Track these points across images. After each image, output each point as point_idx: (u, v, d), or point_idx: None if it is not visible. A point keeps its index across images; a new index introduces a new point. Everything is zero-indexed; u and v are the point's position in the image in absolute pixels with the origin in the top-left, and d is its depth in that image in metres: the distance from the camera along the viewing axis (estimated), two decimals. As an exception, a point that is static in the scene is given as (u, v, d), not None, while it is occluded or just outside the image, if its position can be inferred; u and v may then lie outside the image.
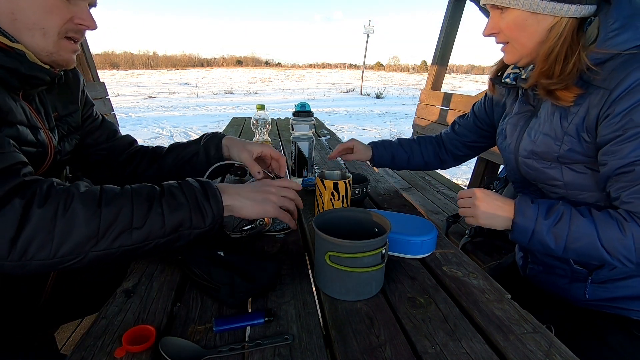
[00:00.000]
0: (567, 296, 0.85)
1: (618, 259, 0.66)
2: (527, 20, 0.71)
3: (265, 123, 1.40)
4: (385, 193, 1.24)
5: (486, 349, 0.54)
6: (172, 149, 0.95)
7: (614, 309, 0.80)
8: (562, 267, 0.84)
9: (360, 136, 6.71)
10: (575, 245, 0.68)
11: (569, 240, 0.68)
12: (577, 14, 0.68)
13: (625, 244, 0.65)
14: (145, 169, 0.93)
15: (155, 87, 17.08)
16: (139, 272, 0.72)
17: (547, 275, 0.88)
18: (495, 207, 0.75)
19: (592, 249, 0.67)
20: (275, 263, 0.70)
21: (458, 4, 3.10)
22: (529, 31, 0.72)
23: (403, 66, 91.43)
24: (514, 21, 0.73)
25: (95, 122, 0.91)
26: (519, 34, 0.74)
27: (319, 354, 0.53)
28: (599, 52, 0.67)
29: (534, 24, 0.71)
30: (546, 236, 0.69)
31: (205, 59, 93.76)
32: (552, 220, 0.69)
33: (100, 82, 2.79)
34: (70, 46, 0.69)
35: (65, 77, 0.81)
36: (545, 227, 0.69)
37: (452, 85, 20.76)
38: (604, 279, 0.79)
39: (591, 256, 0.69)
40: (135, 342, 0.52)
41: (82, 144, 0.88)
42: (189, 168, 0.91)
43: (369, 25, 16.64)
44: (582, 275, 0.81)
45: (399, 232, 0.79)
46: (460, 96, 2.83)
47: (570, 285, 0.84)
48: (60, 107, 0.79)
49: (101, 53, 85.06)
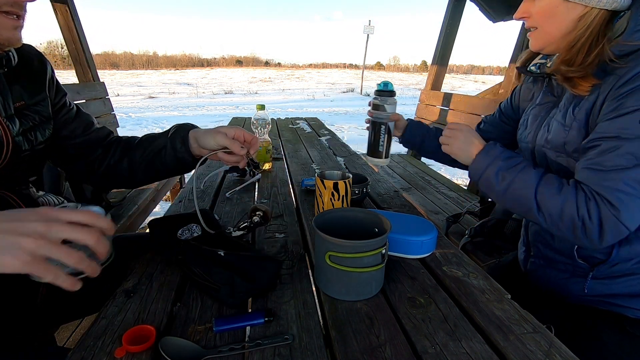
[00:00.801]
0: (564, 292, 0.85)
1: (543, 215, 0.69)
2: (558, 8, 0.72)
3: (265, 123, 1.40)
4: (385, 193, 1.24)
5: (486, 349, 0.54)
6: (142, 142, 0.89)
7: (610, 306, 0.80)
8: (564, 262, 0.84)
9: (360, 136, 6.71)
10: (514, 192, 0.72)
11: (512, 185, 0.72)
12: (609, 5, 0.68)
13: (554, 202, 0.67)
14: (117, 161, 0.89)
15: (155, 87, 17.08)
16: (139, 272, 0.72)
17: (547, 269, 0.88)
18: (469, 142, 0.82)
19: (526, 198, 0.71)
20: (275, 263, 0.70)
21: (458, 4, 3.10)
22: (558, 19, 0.73)
23: (403, 66, 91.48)
24: (545, 7, 0.74)
25: (70, 113, 0.87)
26: (548, 21, 0.74)
27: (319, 354, 0.53)
28: (625, 44, 0.67)
29: (564, 12, 0.72)
30: (495, 176, 0.75)
31: (205, 59, 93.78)
32: (507, 164, 0.74)
33: (100, 82, 2.79)
34: (9, 22, 0.63)
35: (30, 65, 0.77)
36: (497, 167, 0.75)
37: (452, 85, 20.76)
38: (604, 275, 0.79)
39: (522, 205, 0.72)
40: (135, 342, 0.52)
41: (58, 135, 0.84)
42: (158, 162, 0.86)
43: (369, 25, 16.65)
44: (583, 270, 0.81)
45: (399, 232, 0.79)
46: (460, 96, 2.83)
47: (568, 280, 0.84)
48: (26, 96, 0.75)
49: (101, 53, 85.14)
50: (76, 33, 2.58)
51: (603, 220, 0.64)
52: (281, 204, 1.10)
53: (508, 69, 2.43)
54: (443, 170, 4.32)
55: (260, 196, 1.17)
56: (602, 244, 0.65)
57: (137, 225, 1.78)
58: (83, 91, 2.42)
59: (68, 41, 2.61)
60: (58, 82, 0.85)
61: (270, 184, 1.29)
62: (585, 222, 0.65)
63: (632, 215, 0.63)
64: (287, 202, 1.13)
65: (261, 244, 0.86)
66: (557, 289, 0.87)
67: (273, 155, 1.55)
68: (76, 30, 2.58)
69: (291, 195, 1.20)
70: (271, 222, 0.97)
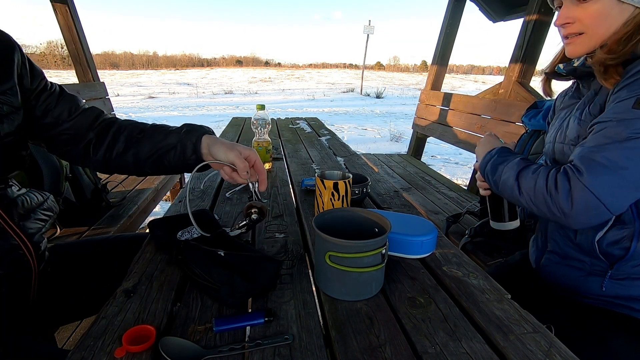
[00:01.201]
0: (580, 291, 0.84)
1: (523, 195, 0.73)
2: (613, 10, 0.72)
3: (265, 123, 1.40)
4: (385, 193, 1.24)
5: (486, 349, 0.54)
6: (151, 135, 0.82)
7: (626, 309, 0.79)
8: (580, 259, 0.83)
9: (360, 136, 6.71)
10: (504, 181, 0.79)
11: (502, 175, 0.80)
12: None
13: (530, 181, 0.72)
14: (121, 152, 0.82)
15: (155, 87, 17.09)
16: (139, 272, 0.72)
17: (562, 266, 0.87)
18: (488, 143, 0.93)
19: (511, 183, 0.76)
20: (275, 263, 0.70)
21: (458, 4, 3.10)
22: (610, 21, 0.73)
23: (403, 66, 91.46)
24: (599, 10, 0.73)
25: (52, 96, 0.80)
26: (599, 24, 0.74)
27: (319, 354, 0.53)
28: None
29: (617, 14, 0.72)
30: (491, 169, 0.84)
31: (205, 59, 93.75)
32: (502, 159, 0.83)
33: (100, 82, 2.80)
34: None
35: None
36: (493, 161, 0.85)
37: (452, 85, 20.77)
38: (624, 276, 0.77)
39: (509, 189, 0.77)
40: (135, 342, 0.52)
41: (42, 123, 0.78)
42: (166, 161, 0.81)
43: (369, 25, 16.65)
44: (601, 269, 0.80)
45: (399, 232, 0.79)
46: (460, 96, 2.84)
47: (586, 278, 0.82)
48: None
49: (101, 53, 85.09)
50: (76, 33, 2.59)
51: (571, 185, 0.65)
52: (281, 204, 1.10)
53: (508, 69, 2.43)
54: (443, 170, 4.32)
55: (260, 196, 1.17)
56: (575, 216, 0.66)
57: (137, 225, 1.78)
58: (83, 91, 2.42)
59: (68, 41, 2.61)
60: (32, 65, 0.78)
61: (270, 184, 1.29)
62: (552, 191, 0.68)
63: (600, 184, 0.64)
64: (287, 202, 1.13)
65: (261, 244, 0.86)
66: (571, 287, 0.86)
67: (273, 155, 1.55)
68: (76, 30, 2.58)
69: (291, 195, 1.20)
70: (269, 220, 0.97)
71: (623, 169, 0.63)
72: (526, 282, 0.96)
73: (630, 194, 0.66)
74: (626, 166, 0.63)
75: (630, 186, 0.64)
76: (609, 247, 0.77)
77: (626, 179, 0.64)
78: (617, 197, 0.65)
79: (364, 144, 6.02)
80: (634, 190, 0.65)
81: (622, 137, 0.64)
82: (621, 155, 0.64)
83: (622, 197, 0.65)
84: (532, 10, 2.22)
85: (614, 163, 0.64)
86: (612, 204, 0.64)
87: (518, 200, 0.76)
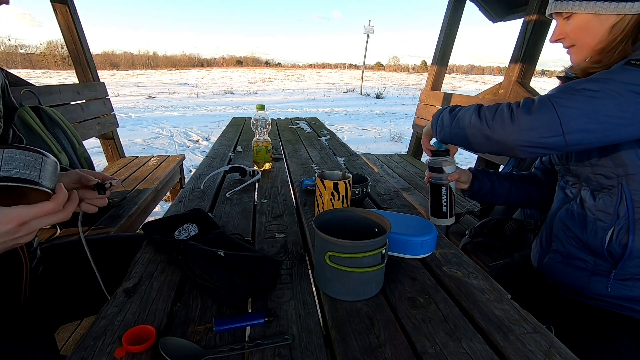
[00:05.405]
0: (585, 292, 0.84)
1: (482, 121, 0.75)
2: (591, 22, 0.76)
3: (265, 123, 1.41)
4: (385, 193, 1.24)
5: (486, 349, 0.54)
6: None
7: (630, 311, 0.79)
8: (584, 259, 0.83)
9: (360, 136, 6.71)
10: (460, 113, 0.82)
11: (457, 115, 0.83)
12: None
13: (492, 108, 0.74)
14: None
15: (155, 87, 17.08)
16: (139, 272, 0.72)
17: (565, 266, 0.87)
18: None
19: (468, 111, 0.79)
20: (275, 263, 0.70)
21: (458, 4, 3.10)
22: (593, 32, 0.77)
23: (403, 66, 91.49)
24: (579, 25, 0.78)
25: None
26: (583, 36, 0.78)
27: (319, 354, 0.53)
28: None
29: (597, 25, 0.76)
30: (441, 119, 0.88)
31: (205, 59, 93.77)
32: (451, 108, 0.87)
33: (100, 82, 2.80)
34: None
35: None
36: (443, 113, 0.88)
37: (452, 85, 20.77)
38: (628, 276, 0.78)
39: (462, 120, 0.80)
40: (135, 342, 0.52)
41: None
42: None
43: (369, 25, 16.65)
44: (605, 268, 0.80)
45: (399, 232, 0.79)
46: (460, 96, 2.83)
47: (590, 278, 0.82)
48: None
49: (101, 53, 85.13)
50: (76, 33, 2.58)
51: (537, 99, 0.69)
52: (281, 204, 1.10)
53: (508, 69, 2.43)
54: (443, 170, 4.31)
55: (260, 196, 1.18)
56: (524, 129, 0.68)
57: (137, 225, 1.78)
58: (83, 91, 2.42)
59: (68, 41, 2.61)
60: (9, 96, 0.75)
61: (270, 184, 1.29)
62: (513, 107, 0.71)
63: (568, 110, 0.66)
64: (287, 202, 1.13)
65: (261, 244, 0.86)
66: (575, 288, 0.86)
67: (273, 155, 1.55)
68: (76, 30, 2.58)
69: (291, 195, 1.20)
70: (269, 220, 0.97)
71: (594, 98, 0.65)
72: (528, 283, 0.96)
73: (587, 126, 0.66)
74: (598, 95, 0.65)
75: (593, 117, 0.65)
76: (610, 244, 0.77)
77: (595, 107, 0.65)
78: (574, 118, 0.66)
79: (363, 144, 6.01)
80: (595, 122, 0.65)
81: (602, 78, 0.67)
82: (596, 86, 0.66)
83: (580, 122, 0.66)
84: (532, 11, 2.22)
85: (589, 92, 0.66)
86: (567, 123, 0.66)
87: (470, 132, 0.77)
